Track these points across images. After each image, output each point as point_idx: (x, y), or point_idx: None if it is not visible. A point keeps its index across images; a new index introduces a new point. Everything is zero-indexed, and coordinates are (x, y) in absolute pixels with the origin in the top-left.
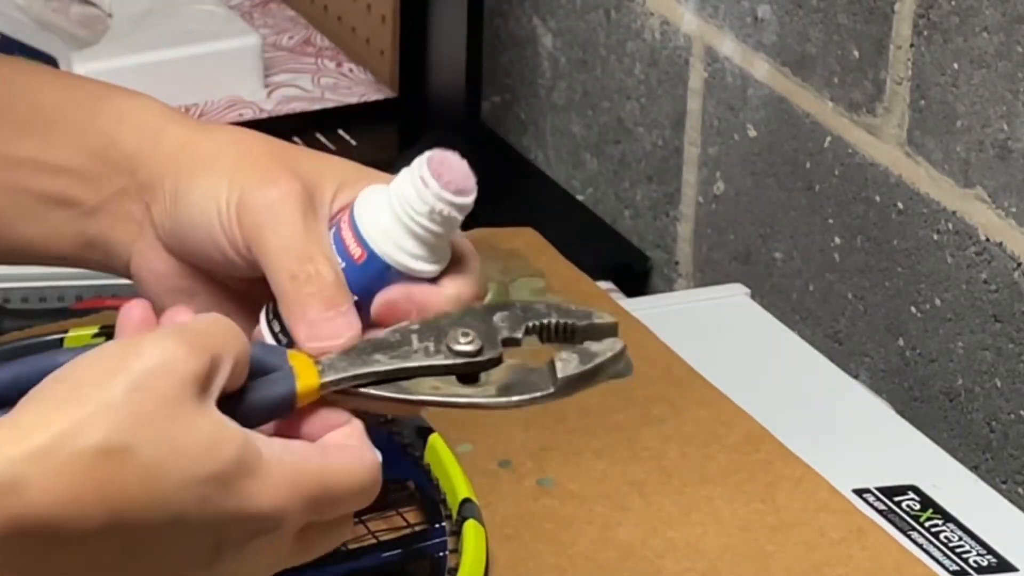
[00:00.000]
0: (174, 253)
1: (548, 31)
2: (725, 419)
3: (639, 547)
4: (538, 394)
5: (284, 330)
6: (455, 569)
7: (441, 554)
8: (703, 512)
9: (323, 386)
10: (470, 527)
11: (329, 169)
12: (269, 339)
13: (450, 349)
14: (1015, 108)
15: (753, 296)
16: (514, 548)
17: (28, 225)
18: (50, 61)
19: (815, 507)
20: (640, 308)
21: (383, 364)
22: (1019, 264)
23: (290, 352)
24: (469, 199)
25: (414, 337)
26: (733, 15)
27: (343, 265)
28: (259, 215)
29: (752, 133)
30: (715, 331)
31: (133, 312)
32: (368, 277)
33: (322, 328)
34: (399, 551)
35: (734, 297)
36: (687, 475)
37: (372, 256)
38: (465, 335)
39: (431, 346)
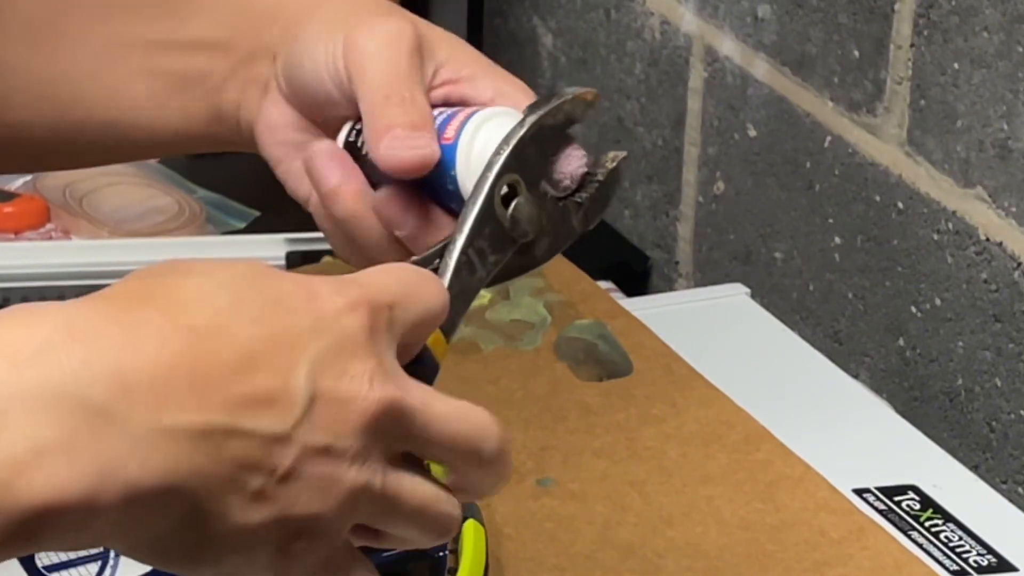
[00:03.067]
0: (292, 103)
1: (548, 31)
2: (725, 419)
3: (639, 547)
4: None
5: (363, 144)
6: (455, 569)
7: (441, 554)
8: (703, 512)
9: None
10: (470, 527)
11: (446, 39)
12: None
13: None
14: (1015, 108)
15: (753, 296)
16: (514, 548)
17: (166, 110)
18: None
19: (815, 507)
20: (640, 308)
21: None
22: (1019, 264)
23: None
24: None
25: (466, 252)
26: (733, 15)
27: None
28: (365, 48)
29: (752, 133)
30: (715, 331)
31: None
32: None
33: (404, 141)
34: (399, 551)
35: (734, 297)
36: (687, 475)
37: (453, 150)
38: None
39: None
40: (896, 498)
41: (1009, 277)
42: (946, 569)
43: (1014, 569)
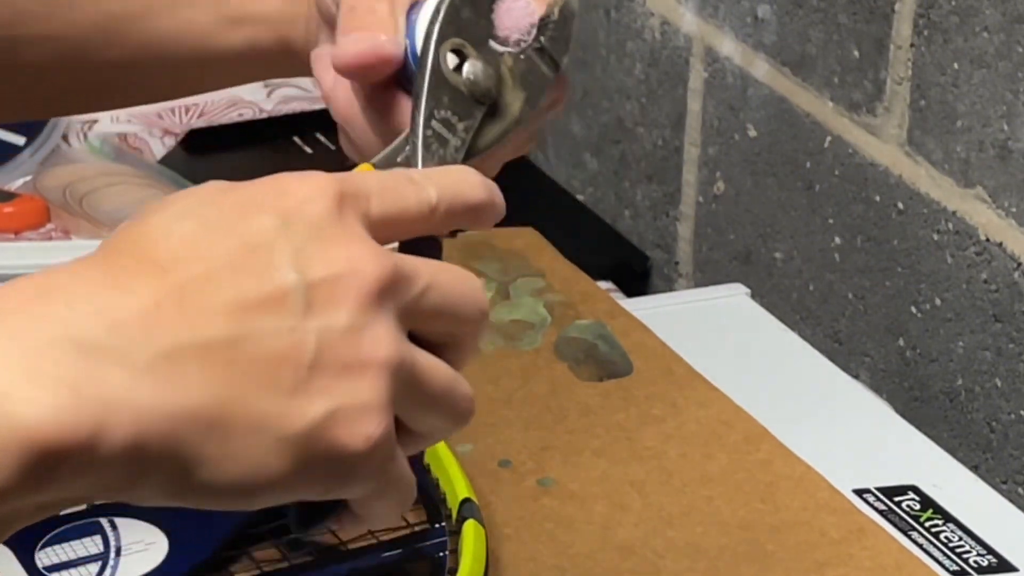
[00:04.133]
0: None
1: None
2: (725, 419)
3: (639, 547)
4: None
5: None
6: (455, 569)
7: (441, 554)
8: (703, 512)
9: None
10: (470, 527)
11: None
12: None
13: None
14: (1015, 108)
15: (753, 296)
16: (514, 548)
17: (232, 38)
18: None
19: (815, 507)
20: (640, 308)
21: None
22: (1019, 264)
23: None
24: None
25: (426, 132)
26: (733, 15)
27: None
28: None
29: (752, 133)
30: (715, 331)
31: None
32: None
33: (353, 43)
34: (399, 551)
35: (734, 297)
36: (687, 475)
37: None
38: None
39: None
40: (896, 498)
41: (1009, 277)
42: (946, 569)
43: (1014, 569)
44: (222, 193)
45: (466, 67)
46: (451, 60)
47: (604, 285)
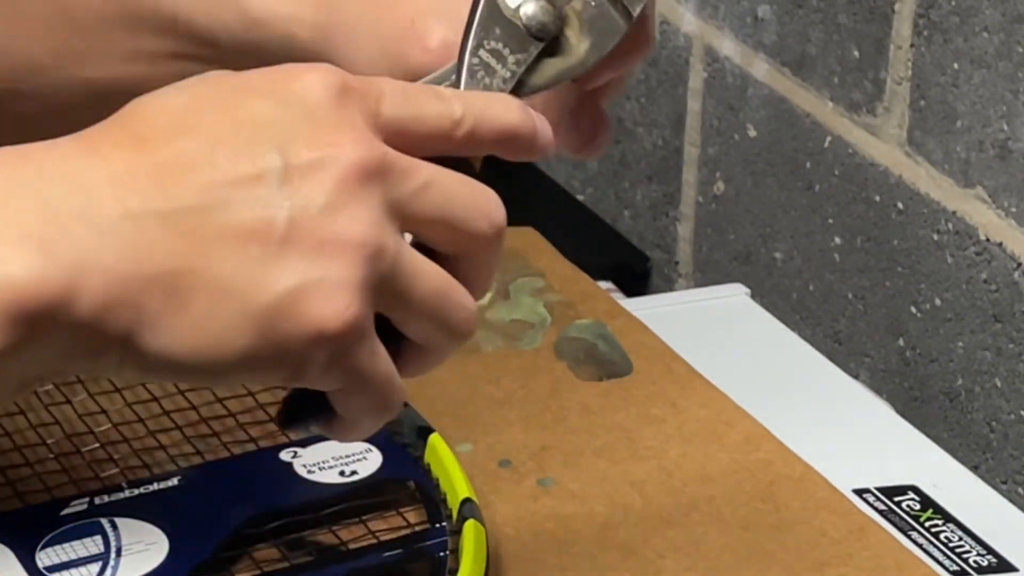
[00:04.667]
0: None
1: None
2: (725, 419)
3: (639, 547)
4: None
5: None
6: (455, 569)
7: (441, 554)
8: (703, 511)
9: None
10: (470, 527)
11: None
12: None
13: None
14: (1015, 108)
15: (753, 296)
16: (514, 548)
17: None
18: None
19: (815, 506)
20: (640, 308)
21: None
22: (1019, 264)
23: None
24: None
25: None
26: (733, 15)
27: None
28: None
29: (752, 133)
30: (715, 331)
31: None
32: None
33: None
34: (399, 551)
35: (734, 297)
36: (687, 475)
37: None
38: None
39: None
40: (896, 498)
41: (1009, 277)
42: (946, 569)
43: (1014, 569)
44: (227, 75)
45: (525, 2)
46: None
47: (604, 285)
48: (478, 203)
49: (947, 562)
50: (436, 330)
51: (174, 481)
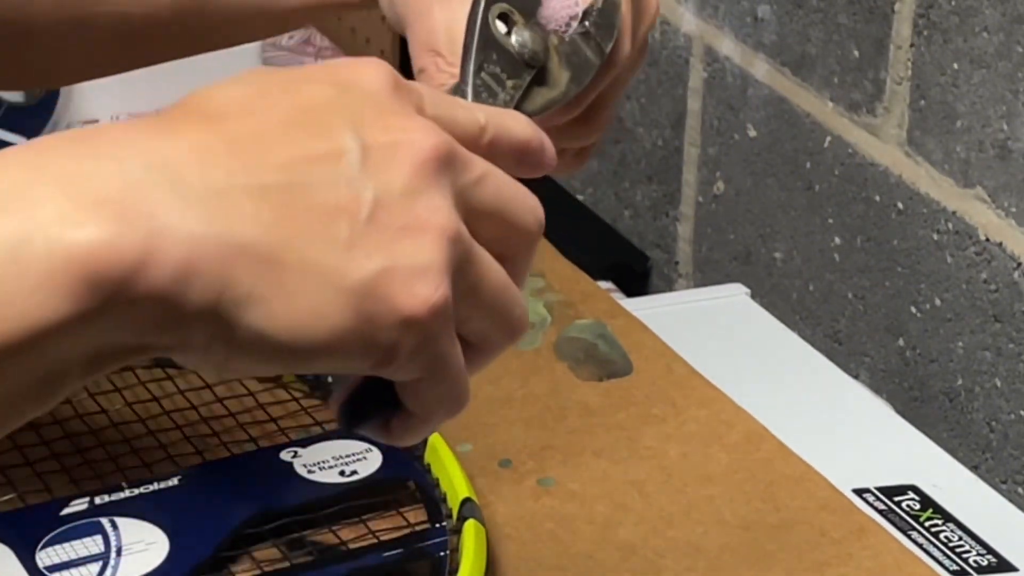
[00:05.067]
0: None
1: None
2: (725, 419)
3: (639, 547)
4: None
5: None
6: (455, 569)
7: (442, 554)
8: (703, 511)
9: None
10: (470, 527)
11: None
12: None
13: (521, 59)
14: (1015, 108)
15: (753, 296)
16: (514, 548)
17: None
18: None
19: (815, 506)
20: (640, 308)
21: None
22: (1019, 264)
23: None
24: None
25: (476, 84)
26: (733, 15)
27: None
28: None
29: (752, 133)
30: (715, 331)
31: None
32: None
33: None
34: (399, 551)
35: (734, 297)
36: (687, 475)
37: None
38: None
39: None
40: (896, 498)
41: (1009, 277)
42: (946, 569)
43: (1014, 569)
44: (277, 69)
45: (514, 31)
46: (500, 26)
47: (604, 285)
48: (526, 199)
49: (947, 562)
50: (496, 327)
51: (174, 481)
